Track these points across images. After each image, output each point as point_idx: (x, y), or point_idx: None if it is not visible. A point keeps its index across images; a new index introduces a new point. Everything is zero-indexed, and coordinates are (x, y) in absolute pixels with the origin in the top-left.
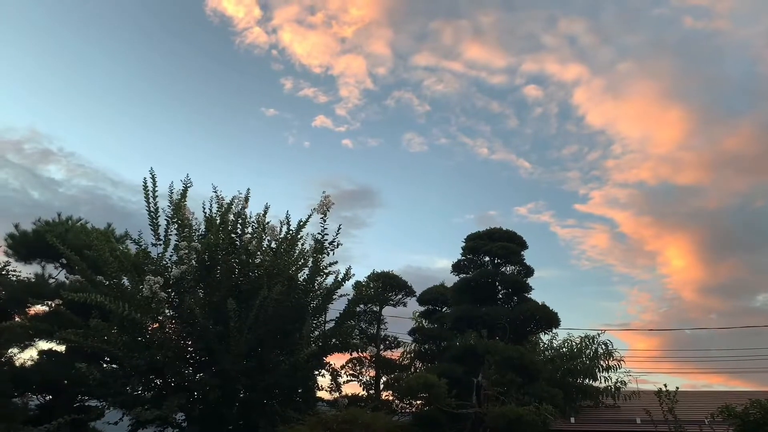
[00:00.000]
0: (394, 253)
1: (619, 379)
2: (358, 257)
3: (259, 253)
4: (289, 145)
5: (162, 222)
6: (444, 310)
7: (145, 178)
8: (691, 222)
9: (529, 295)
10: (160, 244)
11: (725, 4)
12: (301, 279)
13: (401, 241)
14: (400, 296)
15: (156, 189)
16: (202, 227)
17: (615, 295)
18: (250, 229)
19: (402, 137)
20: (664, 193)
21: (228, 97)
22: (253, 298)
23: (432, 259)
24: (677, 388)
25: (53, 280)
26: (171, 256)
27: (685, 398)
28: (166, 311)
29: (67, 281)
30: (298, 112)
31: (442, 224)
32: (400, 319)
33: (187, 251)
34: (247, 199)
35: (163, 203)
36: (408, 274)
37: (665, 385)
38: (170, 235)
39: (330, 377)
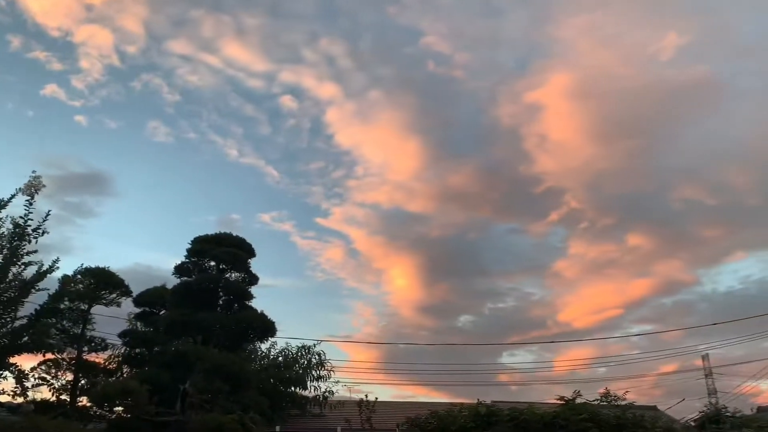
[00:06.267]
0: (124, 248)
1: (328, 389)
2: (81, 249)
3: None
4: (8, 111)
5: None
6: (162, 313)
7: None
8: (416, 246)
9: (251, 303)
10: None
11: (463, 57)
12: None
13: (133, 236)
14: (115, 295)
15: None
16: None
17: (344, 308)
18: None
19: (146, 124)
20: (396, 217)
21: None
22: None
23: (165, 259)
24: (376, 398)
25: None
26: None
27: (385, 408)
28: None
29: None
30: (25, 76)
31: (180, 223)
32: (114, 320)
33: None
34: None
35: None
36: (137, 273)
37: (366, 396)
38: None
39: (15, 380)
